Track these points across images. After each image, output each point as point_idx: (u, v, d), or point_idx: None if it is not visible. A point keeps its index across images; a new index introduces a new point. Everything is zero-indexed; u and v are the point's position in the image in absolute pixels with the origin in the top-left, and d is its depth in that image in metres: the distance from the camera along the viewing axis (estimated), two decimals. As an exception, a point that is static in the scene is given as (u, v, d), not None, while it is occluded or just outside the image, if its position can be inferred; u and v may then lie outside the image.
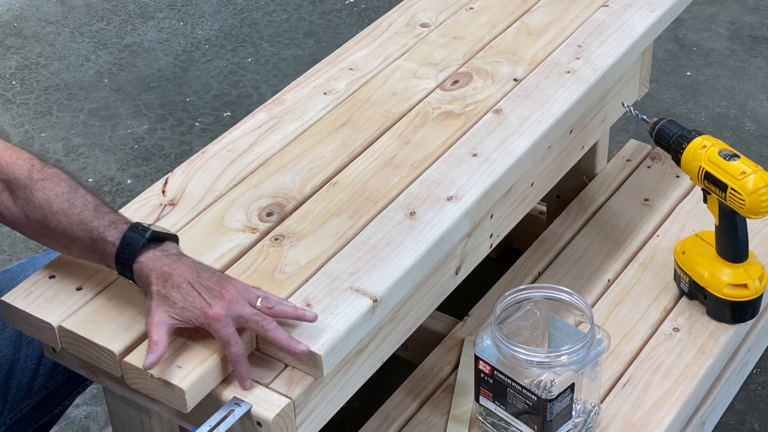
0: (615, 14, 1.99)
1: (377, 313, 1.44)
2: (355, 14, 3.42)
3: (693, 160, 1.78)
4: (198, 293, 1.33)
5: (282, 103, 1.81)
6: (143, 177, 2.77)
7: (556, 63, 1.87)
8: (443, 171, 1.64)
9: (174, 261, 1.36)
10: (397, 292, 1.48)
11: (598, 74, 1.85)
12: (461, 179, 1.62)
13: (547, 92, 1.80)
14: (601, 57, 1.88)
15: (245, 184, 1.64)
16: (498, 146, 1.68)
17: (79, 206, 1.40)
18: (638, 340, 1.85)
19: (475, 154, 1.66)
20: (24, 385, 1.59)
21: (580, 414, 1.67)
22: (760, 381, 2.18)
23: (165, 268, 1.35)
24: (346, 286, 1.45)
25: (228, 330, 1.32)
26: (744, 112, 2.95)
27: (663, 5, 2.01)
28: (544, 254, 2.06)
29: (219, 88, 3.10)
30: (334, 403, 1.48)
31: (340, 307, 1.42)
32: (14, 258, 2.53)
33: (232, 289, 1.35)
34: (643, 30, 1.95)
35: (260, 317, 1.34)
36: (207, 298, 1.33)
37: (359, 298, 1.43)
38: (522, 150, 1.68)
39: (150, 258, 1.36)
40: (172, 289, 1.33)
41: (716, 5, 3.40)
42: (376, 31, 1.99)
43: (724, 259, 1.84)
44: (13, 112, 3.02)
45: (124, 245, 1.36)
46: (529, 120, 1.74)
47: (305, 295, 1.44)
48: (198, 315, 1.32)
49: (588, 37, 1.93)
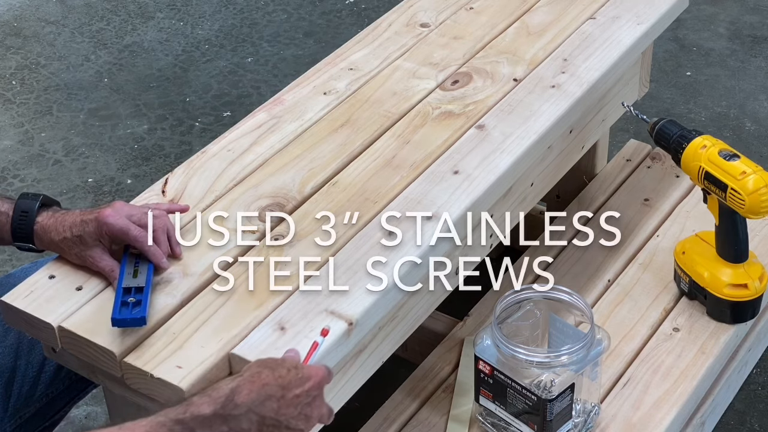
0: (602, 27, 1.96)
1: (353, 336, 1.41)
2: (355, 14, 3.42)
3: (693, 160, 1.78)
4: (88, 214, 1.46)
5: (282, 103, 1.81)
6: (143, 177, 2.77)
7: (541, 77, 1.84)
8: (423, 189, 1.61)
9: (64, 214, 1.50)
10: (373, 316, 1.45)
11: (584, 89, 1.82)
12: (441, 197, 1.59)
13: (532, 107, 1.77)
14: (587, 71, 1.85)
15: (245, 184, 1.64)
16: (480, 163, 1.65)
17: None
18: (638, 340, 1.85)
19: (457, 171, 1.64)
20: (25, 393, 1.59)
21: (580, 414, 1.67)
22: (760, 381, 2.18)
23: (59, 219, 1.48)
24: (322, 308, 1.42)
25: (121, 221, 1.44)
26: (744, 112, 2.95)
27: (651, 18, 1.98)
28: (544, 254, 2.06)
29: (219, 88, 3.10)
30: (334, 403, 1.47)
31: (315, 331, 1.38)
32: (14, 258, 2.53)
33: (119, 202, 1.49)
34: (631, 43, 1.92)
35: (150, 217, 1.47)
36: (96, 212, 1.45)
37: (334, 321, 1.40)
38: (504, 167, 1.65)
39: (44, 218, 1.49)
40: (70, 229, 1.46)
41: (716, 5, 3.40)
42: (376, 31, 1.99)
43: (724, 259, 1.84)
44: (13, 112, 3.02)
45: (20, 211, 1.49)
46: (512, 136, 1.71)
47: (279, 318, 1.41)
48: (95, 226, 1.44)
49: (575, 50, 1.90)
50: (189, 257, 1.51)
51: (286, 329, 1.39)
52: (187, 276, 1.48)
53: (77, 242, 1.46)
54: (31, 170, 2.80)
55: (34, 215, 1.49)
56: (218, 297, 1.45)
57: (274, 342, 1.38)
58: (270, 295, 1.45)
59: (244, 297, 1.45)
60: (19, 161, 2.84)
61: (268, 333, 1.39)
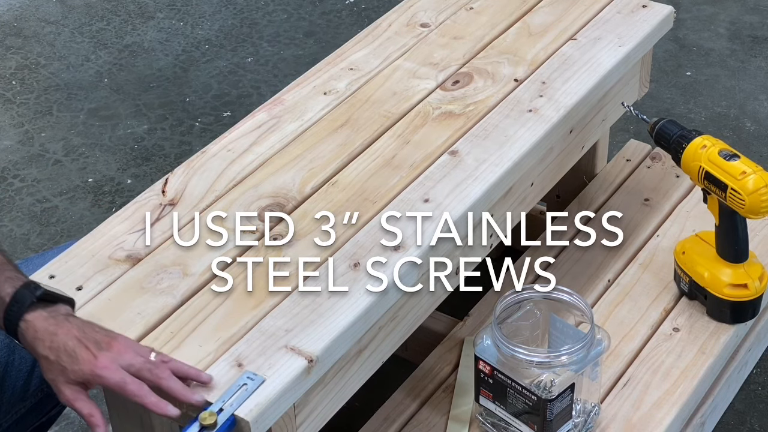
0: (582, 48, 1.92)
1: (313, 374, 1.37)
2: (355, 14, 3.42)
3: (693, 160, 1.78)
4: (84, 347, 1.26)
5: (282, 103, 1.81)
6: (143, 177, 2.77)
7: (519, 100, 1.79)
8: (392, 218, 1.57)
9: (60, 321, 1.29)
10: (335, 352, 1.40)
11: (561, 114, 1.77)
12: (410, 227, 1.55)
13: (507, 132, 1.73)
14: (565, 95, 1.81)
15: (245, 184, 1.64)
16: (451, 192, 1.61)
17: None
18: (638, 340, 1.85)
19: (427, 200, 1.60)
20: (19, 388, 1.59)
21: (580, 414, 1.67)
22: (760, 381, 2.18)
23: (51, 328, 1.28)
24: (281, 344, 1.38)
25: (117, 375, 1.26)
26: (744, 112, 2.95)
27: (633, 40, 1.94)
28: (544, 254, 2.06)
29: (219, 88, 3.10)
30: (334, 403, 1.47)
31: (273, 368, 1.34)
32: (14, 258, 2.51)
33: (122, 340, 1.30)
34: (611, 66, 1.88)
35: (152, 365, 1.28)
36: (93, 351, 1.26)
37: (293, 357, 1.36)
38: (476, 196, 1.61)
39: (36, 317, 1.29)
40: (59, 351, 1.26)
41: (716, 5, 3.40)
42: (376, 31, 1.99)
43: (724, 259, 1.83)
44: (13, 112, 3.02)
45: (13, 302, 1.30)
46: (486, 163, 1.66)
47: (237, 354, 1.36)
48: (85, 372, 1.26)
49: (553, 72, 1.86)
50: (189, 257, 1.51)
51: (243, 366, 1.35)
52: (187, 276, 1.48)
53: (59, 371, 1.27)
54: (31, 170, 2.80)
55: (24, 310, 1.30)
56: (217, 297, 1.45)
57: (231, 379, 1.34)
58: (268, 296, 1.45)
59: (242, 297, 1.45)
60: (19, 161, 2.84)
61: (226, 369, 1.35)
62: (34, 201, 2.71)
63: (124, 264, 1.51)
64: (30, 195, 2.73)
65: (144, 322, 1.41)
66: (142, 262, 1.51)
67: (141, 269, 1.50)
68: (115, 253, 1.53)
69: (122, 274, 1.50)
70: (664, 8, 2.04)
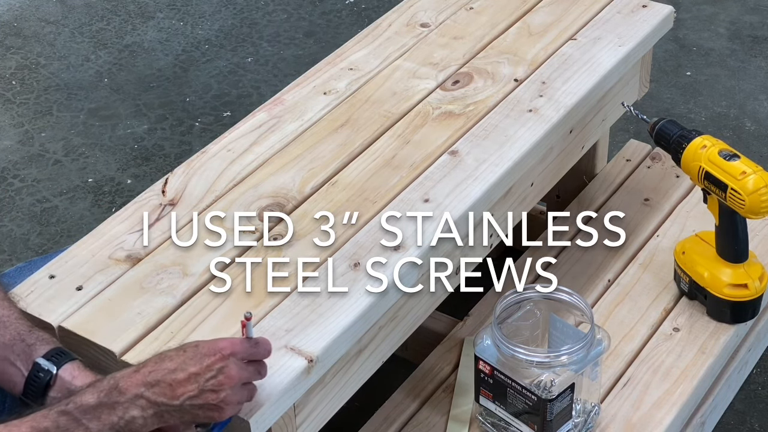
0: (582, 48, 1.92)
1: (312, 374, 1.37)
2: (355, 14, 3.42)
3: (693, 160, 1.78)
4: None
5: (282, 103, 1.81)
6: (143, 177, 2.77)
7: (519, 100, 1.80)
8: (392, 218, 1.57)
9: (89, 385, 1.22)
10: (335, 352, 1.40)
11: (561, 113, 1.78)
12: (410, 227, 1.56)
13: (507, 132, 1.73)
14: (564, 95, 1.81)
15: (245, 184, 1.64)
16: (451, 191, 1.62)
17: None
18: (638, 340, 1.85)
19: (427, 200, 1.60)
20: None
21: (580, 414, 1.67)
22: (760, 381, 2.18)
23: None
24: (281, 344, 1.38)
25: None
26: (744, 112, 2.95)
27: (633, 40, 1.94)
28: (544, 254, 2.06)
29: (219, 88, 3.10)
30: (334, 403, 1.47)
31: (273, 368, 1.33)
32: (14, 258, 2.53)
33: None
34: (611, 66, 1.88)
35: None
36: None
37: (293, 357, 1.36)
38: (476, 196, 1.61)
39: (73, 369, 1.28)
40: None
41: (716, 5, 3.40)
42: (376, 31, 1.99)
43: (724, 259, 1.83)
44: (13, 112, 3.02)
45: (50, 356, 1.29)
46: (486, 163, 1.67)
47: None
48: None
49: (553, 72, 1.86)
50: (189, 257, 1.51)
51: None
52: (187, 276, 1.48)
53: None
54: (31, 170, 2.80)
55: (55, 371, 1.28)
56: (216, 297, 1.45)
57: None
58: (268, 297, 1.45)
59: (242, 297, 1.45)
60: (19, 161, 2.84)
61: None
62: (34, 201, 2.71)
63: (124, 264, 1.51)
64: (30, 195, 2.73)
65: (144, 322, 1.41)
66: (142, 262, 1.51)
67: (141, 269, 1.50)
68: (115, 253, 1.53)
69: (122, 274, 1.50)
70: (664, 8, 2.04)
